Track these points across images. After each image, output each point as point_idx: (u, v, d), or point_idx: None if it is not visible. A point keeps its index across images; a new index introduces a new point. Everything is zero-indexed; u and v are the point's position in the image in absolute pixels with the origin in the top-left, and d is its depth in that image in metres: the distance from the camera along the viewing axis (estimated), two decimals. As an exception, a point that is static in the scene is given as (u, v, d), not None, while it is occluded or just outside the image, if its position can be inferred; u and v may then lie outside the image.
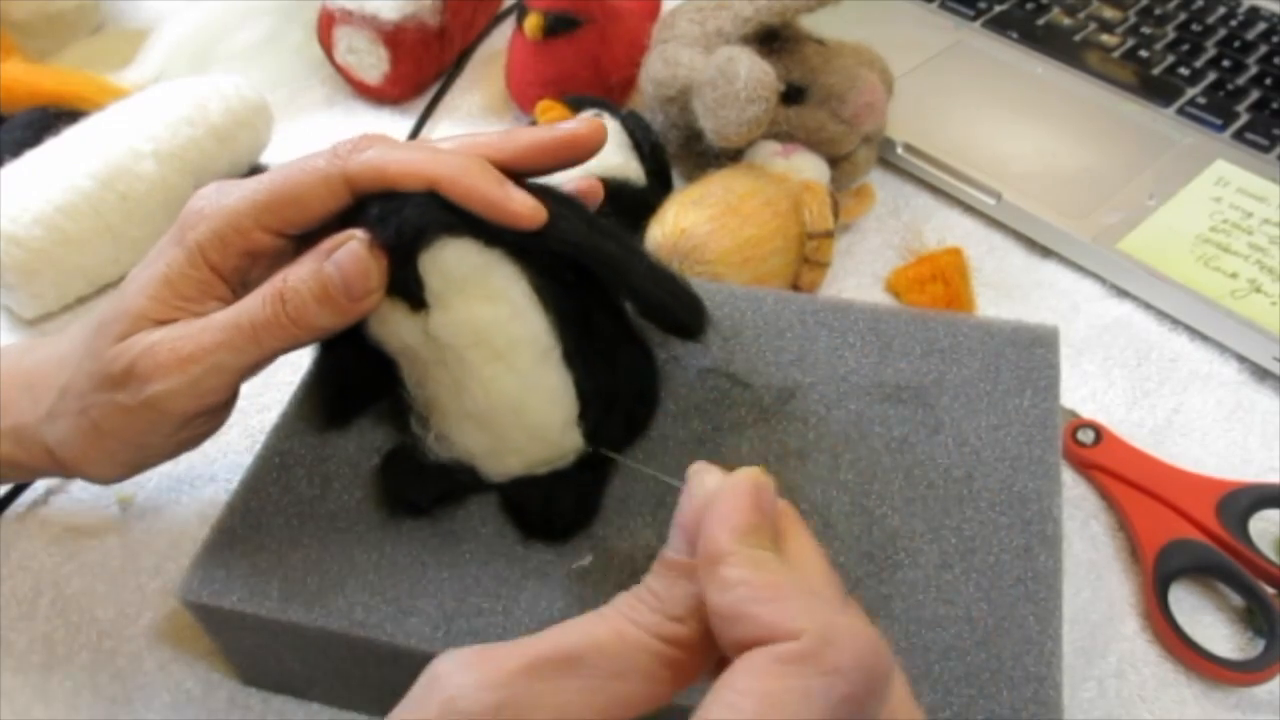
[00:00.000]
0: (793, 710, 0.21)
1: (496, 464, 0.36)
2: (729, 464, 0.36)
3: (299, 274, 0.33)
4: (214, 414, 0.36)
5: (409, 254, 0.33)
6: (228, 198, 0.35)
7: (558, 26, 0.60)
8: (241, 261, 0.35)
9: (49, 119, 0.57)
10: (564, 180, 0.37)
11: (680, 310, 0.37)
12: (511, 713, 0.23)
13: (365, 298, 0.33)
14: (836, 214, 0.53)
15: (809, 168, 0.54)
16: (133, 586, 0.44)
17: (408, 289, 0.34)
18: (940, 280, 0.53)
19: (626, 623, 0.24)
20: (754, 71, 0.49)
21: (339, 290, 0.33)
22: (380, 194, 0.34)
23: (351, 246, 0.33)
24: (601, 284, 0.36)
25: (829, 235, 0.52)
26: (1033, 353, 0.39)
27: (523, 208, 0.33)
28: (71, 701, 0.40)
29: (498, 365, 0.34)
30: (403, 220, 0.33)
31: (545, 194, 0.35)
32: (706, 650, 0.24)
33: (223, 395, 0.35)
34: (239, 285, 0.36)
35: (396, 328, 0.35)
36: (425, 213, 0.33)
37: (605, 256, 0.35)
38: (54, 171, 0.53)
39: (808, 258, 0.52)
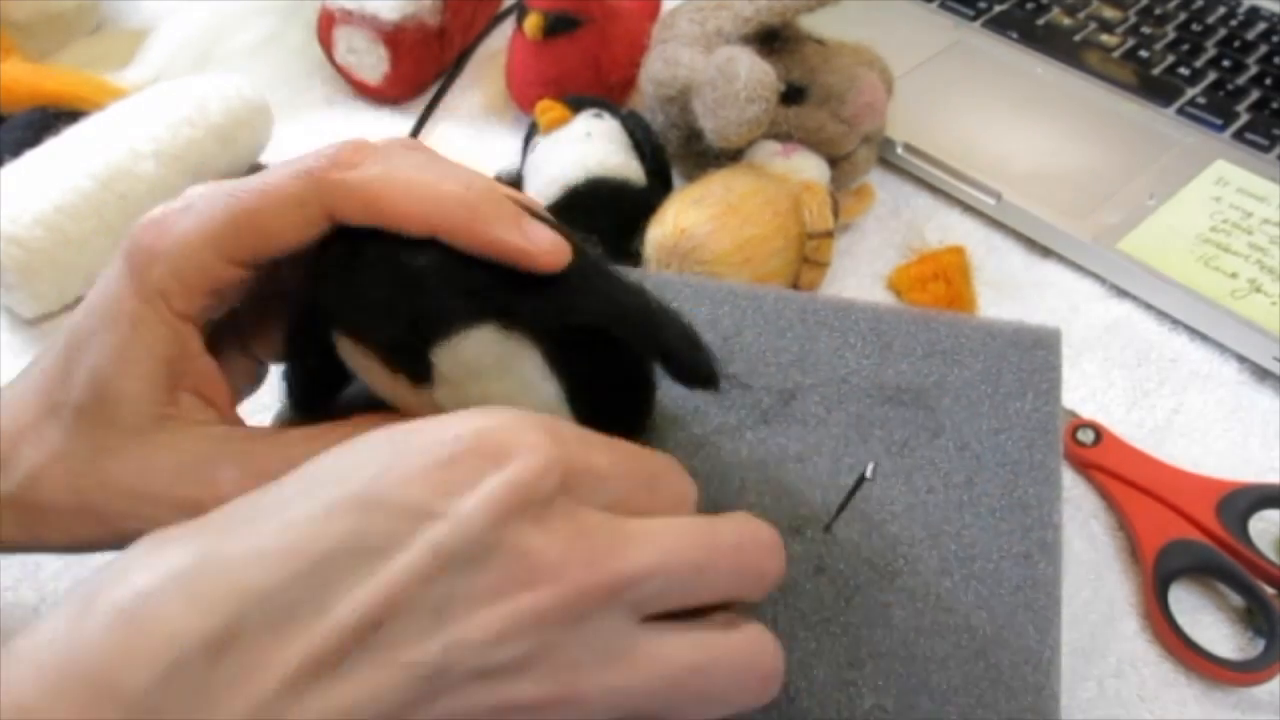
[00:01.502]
0: None
1: None
2: (729, 468, 0.37)
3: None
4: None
5: (422, 349, 0.29)
6: (178, 227, 0.30)
7: (558, 26, 0.60)
8: (209, 300, 0.31)
9: (49, 119, 0.57)
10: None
11: (705, 364, 0.34)
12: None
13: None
14: (836, 214, 0.53)
15: (809, 168, 0.54)
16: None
17: (415, 372, 0.30)
18: (942, 279, 0.53)
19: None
20: (754, 71, 0.49)
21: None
22: (369, 235, 0.29)
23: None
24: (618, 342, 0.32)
25: (829, 235, 0.52)
26: (1034, 355, 0.39)
27: (544, 251, 0.30)
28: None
29: None
30: (416, 313, 0.29)
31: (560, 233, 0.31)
32: None
33: None
34: (204, 326, 0.32)
35: (391, 391, 0.31)
36: (440, 300, 0.29)
37: (636, 322, 0.31)
38: (54, 171, 0.53)
39: (808, 258, 0.52)
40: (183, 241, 0.30)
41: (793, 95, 0.54)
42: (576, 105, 0.57)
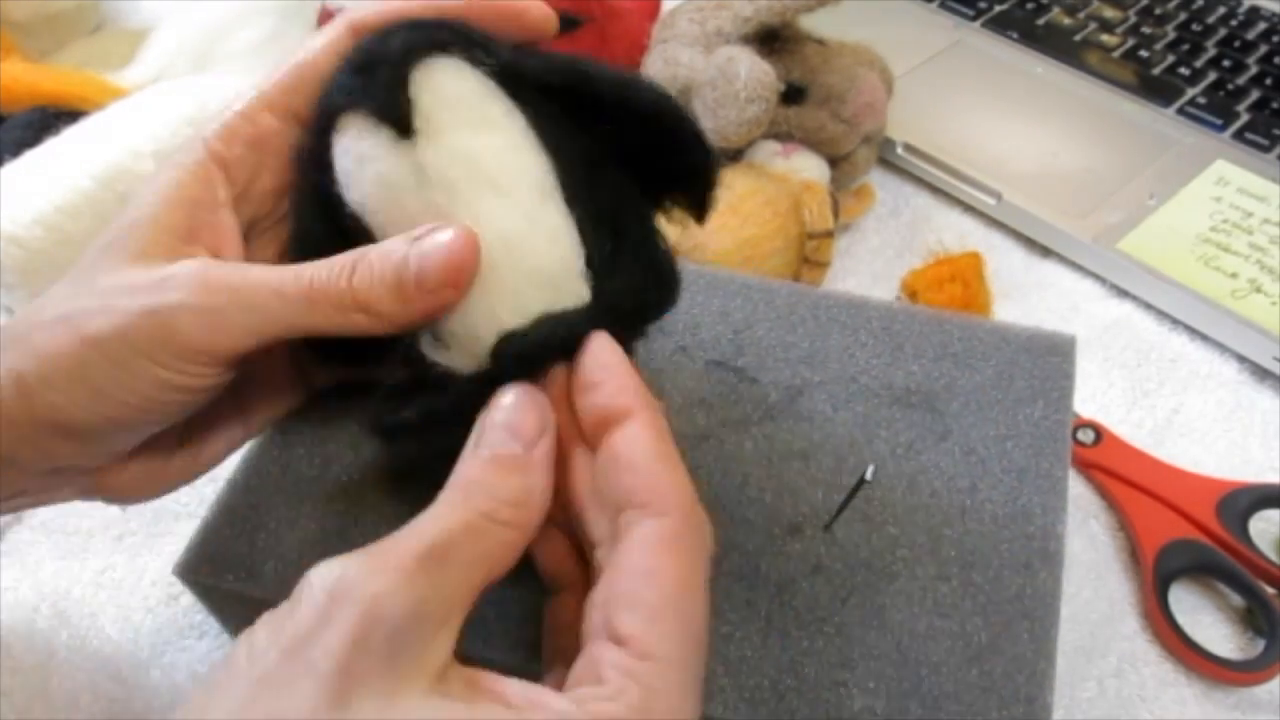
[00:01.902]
0: (698, 579, 0.26)
1: (488, 319, 0.30)
2: (732, 462, 0.37)
3: (381, 248, 0.30)
4: (197, 395, 0.31)
5: (399, 71, 0.30)
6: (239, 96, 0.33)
7: (558, 27, 0.60)
8: (249, 154, 0.33)
9: (49, 119, 0.57)
10: None
11: (691, 133, 0.33)
12: (431, 606, 0.24)
13: (439, 291, 0.29)
14: (836, 214, 0.53)
15: (809, 168, 0.54)
16: (133, 586, 0.44)
17: (395, 111, 0.30)
18: (959, 281, 0.53)
19: (471, 513, 0.27)
20: (754, 71, 0.49)
21: (411, 282, 0.29)
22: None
23: (438, 240, 0.29)
24: (610, 144, 0.32)
25: (829, 235, 0.52)
26: (1048, 361, 0.39)
27: (540, 12, 0.33)
28: (71, 702, 0.40)
29: (493, 198, 0.30)
30: (392, 37, 0.31)
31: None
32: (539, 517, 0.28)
33: (233, 352, 0.30)
34: (246, 188, 0.33)
35: (379, 164, 0.30)
36: (417, 31, 0.31)
37: (609, 78, 0.32)
38: (54, 171, 0.53)
39: (808, 257, 0.52)
40: (236, 95, 0.33)
41: (793, 95, 0.54)
42: (577, 105, 0.57)
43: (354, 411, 0.38)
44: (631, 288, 0.31)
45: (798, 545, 0.34)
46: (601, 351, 0.29)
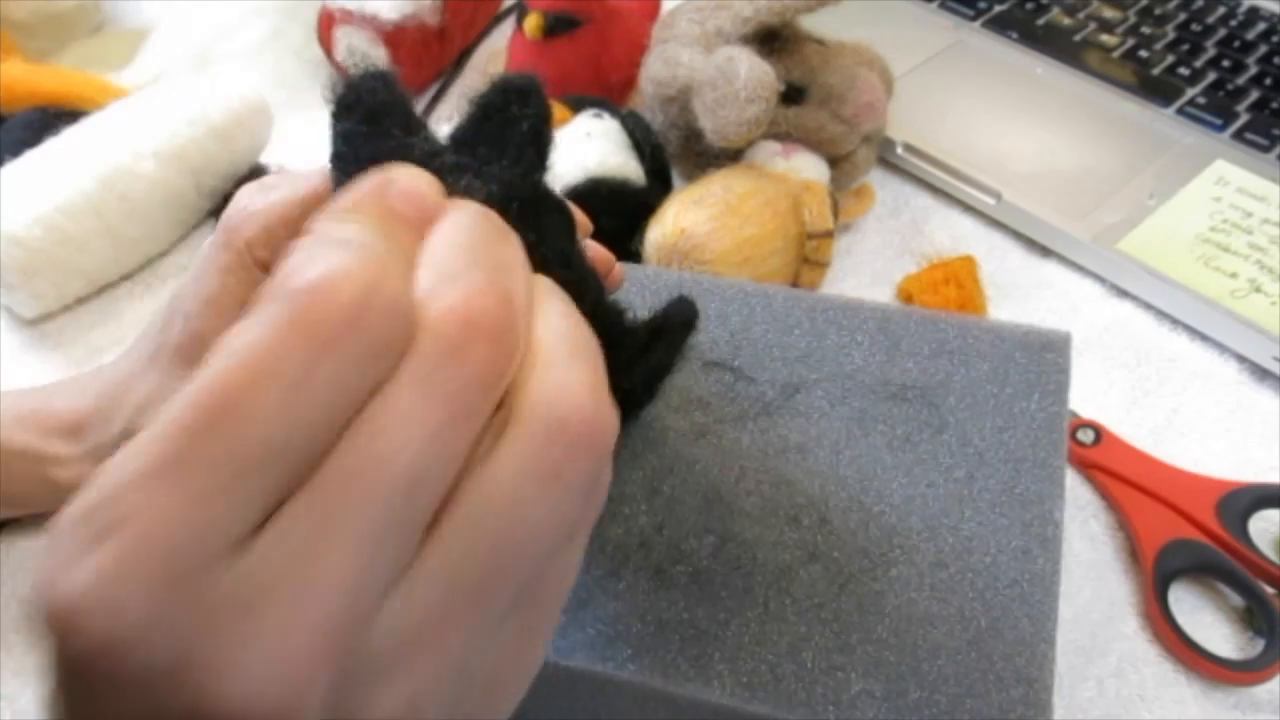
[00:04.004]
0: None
1: None
2: (729, 456, 0.37)
3: None
4: None
5: None
6: (270, 195, 0.34)
7: (558, 26, 0.60)
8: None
9: (49, 119, 0.57)
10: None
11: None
12: None
13: None
14: (836, 214, 0.53)
15: (809, 168, 0.54)
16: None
17: None
18: (954, 284, 0.53)
19: None
20: (754, 71, 0.49)
21: None
22: None
23: None
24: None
25: (829, 235, 0.52)
26: (1043, 357, 0.39)
27: None
28: (71, 701, 0.40)
29: None
30: None
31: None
32: None
33: None
34: None
35: None
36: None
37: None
38: (54, 171, 0.53)
39: (807, 258, 0.52)
40: (273, 202, 0.33)
41: (793, 95, 0.54)
42: (576, 105, 0.57)
43: None
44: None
45: (794, 534, 0.34)
46: None
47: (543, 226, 0.26)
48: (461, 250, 0.21)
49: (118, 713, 0.17)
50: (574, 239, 0.29)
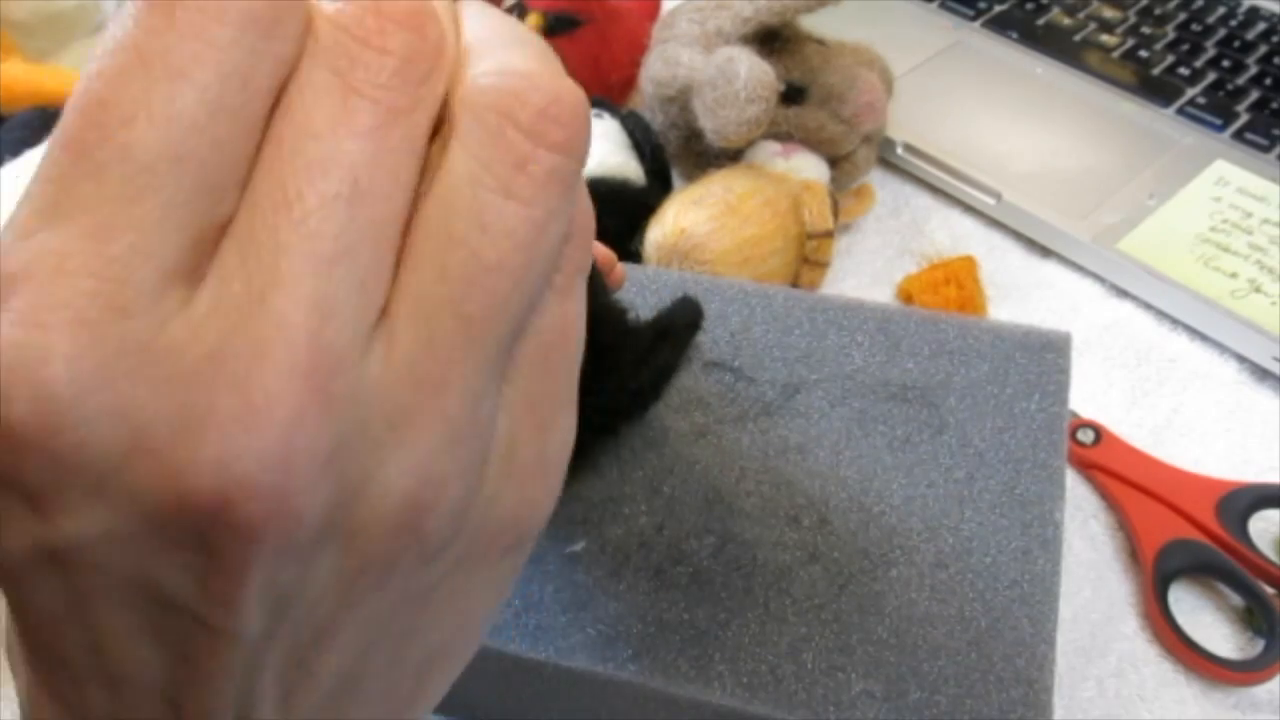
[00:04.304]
0: None
1: None
2: (729, 456, 0.37)
3: None
4: None
5: None
6: None
7: (558, 26, 0.60)
8: None
9: (49, 119, 0.57)
10: None
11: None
12: None
13: None
14: (836, 214, 0.53)
15: (809, 168, 0.54)
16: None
17: None
18: (954, 284, 0.53)
19: None
20: (754, 71, 0.49)
21: None
22: None
23: None
24: None
25: (829, 235, 0.52)
26: (1043, 357, 0.39)
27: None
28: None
29: None
30: None
31: None
32: None
33: None
34: None
35: None
36: None
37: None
38: (54, 171, 0.53)
39: (807, 258, 0.52)
40: None
41: (793, 95, 0.54)
42: (576, 105, 0.57)
43: None
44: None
45: (795, 535, 0.34)
46: None
47: None
48: None
49: (79, 545, 0.15)
50: None
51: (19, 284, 0.14)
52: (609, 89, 0.62)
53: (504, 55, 0.17)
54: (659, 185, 0.55)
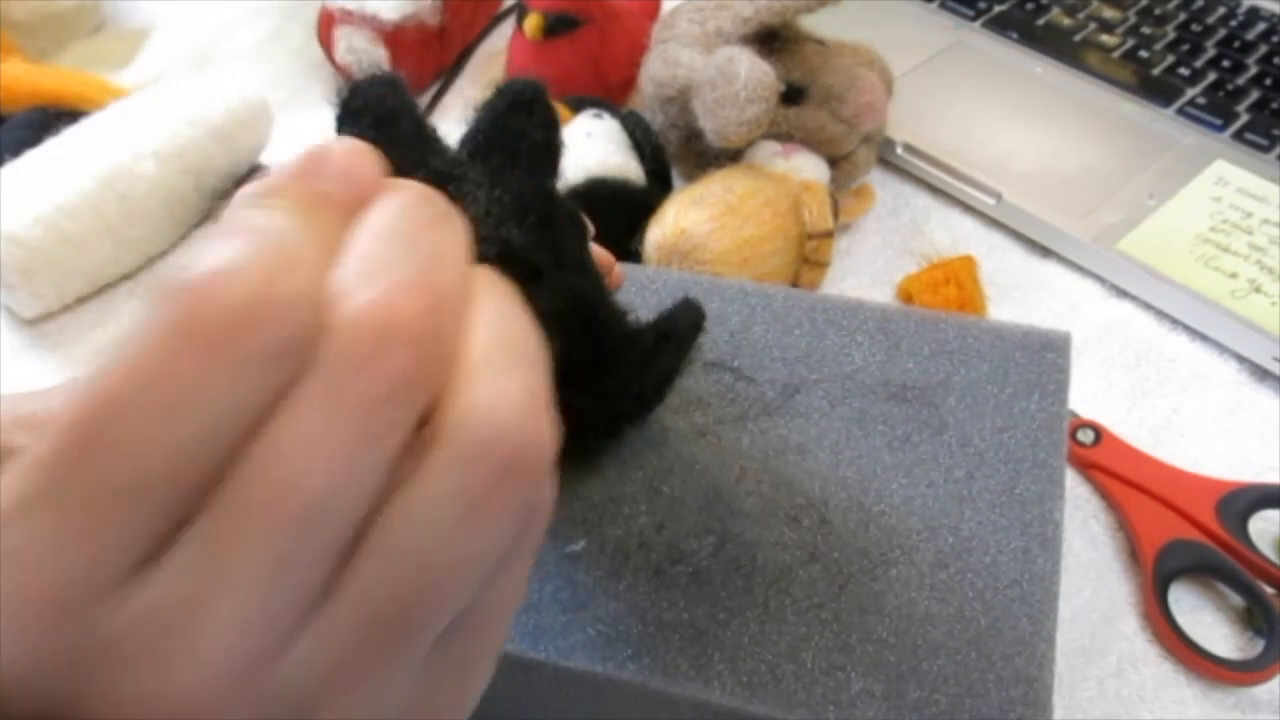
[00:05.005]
0: None
1: None
2: (729, 456, 0.37)
3: None
4: None
5: None
6: None
7: (558, 26, 0.60)
8: None
9: (49, 119, 0.57)
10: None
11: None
12: None
13: None
14: (836, 214, 0.53)
15: (809, 168, 0.54)
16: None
17: None
18: (954, 284, 0.53)
19: None
20: (754, 71, 0.49)
21: None
22: None
23: None
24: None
25: (829, 235, 0.52)
26: (1043, 357, 0.39)
27: None
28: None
29: None
30: None
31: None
32: None
33: None
34: None
35: None
36: None
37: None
38: (54, 171, 0.53)
39: (807, 258, 0.52)
40: None
41: (793, 95, 0.54)
42: (576, 105, 0.57)
43: None
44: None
45: (794, 535, 0.34)
46: None
47: (557, 236, 0.26)
48: (391, 238, 0.18)
49: None
50: (587, 247, 0.29)
51: None
52: (609, 89, 0.62)
53: (494, 388, 0.18)
54: (659, 185, 0.56)
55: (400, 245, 0.18)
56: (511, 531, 0.18)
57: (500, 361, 0.18)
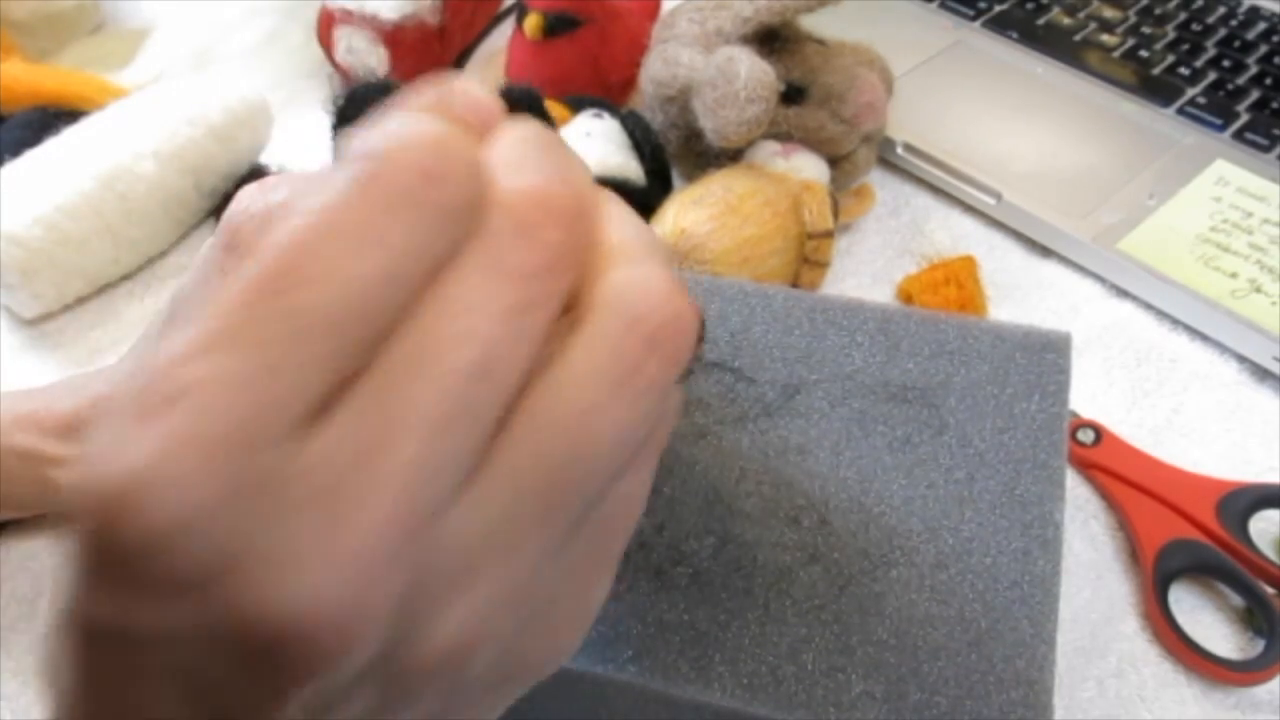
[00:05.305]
0: None
1: None
2: (729, 457, 0.37)
3: None
4: None
5: None
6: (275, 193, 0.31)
7: (558, 26, 0.60)
8: None
9: (49, 119, 0.57)
10: None
11: None
12: None
13: None
14: (836, 214, 0.53)
15: (809, 168, 0.54)
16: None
17: None
18: (954, 284, 0.53)
19: None
20: (754, 71, 0.49)
21: None
22: None
23: None
24: None
25: (829, 235, 0.52)
26: (1044, 358, 0.39)
27: None
28: (71, 701, 0.40)
29: None
30: None
31: None
32: None
33: None
34: None
35: None
36: None
37: None
38: (54, 171, 0.53)
39: (807, 258, 0.52)
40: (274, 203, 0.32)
41: (793, 95, 0.54)
42: (576, 105, 0.57)
43: None
44: None
45: (795, 536, 0.34)
46: None
47: None
48: (529, 146, 0.19)
49: (150, 630, 0.16)
50: None
51: (177, 402, 0.15)
52: (609, 89, 0.62)
53: (641, 270, 0.19)
54: (659, 185, 0.56)
55: (540, 153, 0.19)
56: (654, 412, 0.19)
57: (641, 250, 0.20)
